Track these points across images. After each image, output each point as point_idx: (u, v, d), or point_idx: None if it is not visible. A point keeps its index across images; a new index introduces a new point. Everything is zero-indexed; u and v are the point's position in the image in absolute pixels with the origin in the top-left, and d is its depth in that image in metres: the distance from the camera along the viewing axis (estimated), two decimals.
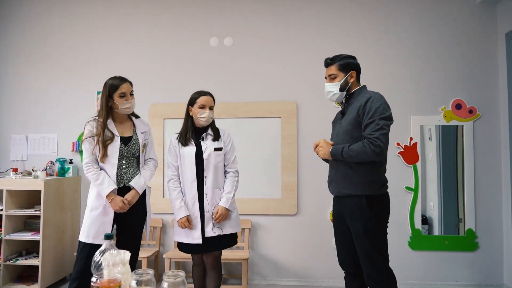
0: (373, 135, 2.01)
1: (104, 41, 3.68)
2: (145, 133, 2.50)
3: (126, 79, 2.37)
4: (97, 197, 2.28)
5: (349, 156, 2.07)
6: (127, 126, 2.43)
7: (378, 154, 2.01)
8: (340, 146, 2.13)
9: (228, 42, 3.57)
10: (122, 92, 2.31)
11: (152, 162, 2.53)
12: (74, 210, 3.52)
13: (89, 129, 2.30)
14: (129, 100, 2.34)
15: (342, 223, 2.21)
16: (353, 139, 2.12)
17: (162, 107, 3.57)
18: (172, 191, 2.53)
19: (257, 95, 3.52)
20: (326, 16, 3.51)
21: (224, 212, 2.46)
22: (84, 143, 2.30)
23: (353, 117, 2.11)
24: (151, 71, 3.60)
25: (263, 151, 3.48)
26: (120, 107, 2.31)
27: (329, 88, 2.23)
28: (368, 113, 2.04)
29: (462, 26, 3.38)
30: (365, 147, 2.01)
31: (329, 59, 2.25)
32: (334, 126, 2.35)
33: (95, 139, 2.28)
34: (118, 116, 2.39)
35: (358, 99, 2.15)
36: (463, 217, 3.35)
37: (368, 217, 2.06)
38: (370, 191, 2.08)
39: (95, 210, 2.27)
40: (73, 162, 3.58)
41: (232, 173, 2.61)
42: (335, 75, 2.20)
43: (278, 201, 3.45)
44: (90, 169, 2.27)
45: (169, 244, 3.53)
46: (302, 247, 3.42)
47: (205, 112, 2.51)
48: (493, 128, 3.30)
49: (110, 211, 2.28)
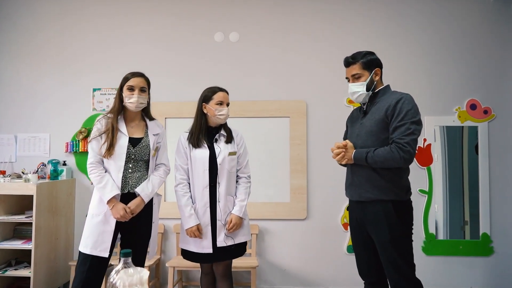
0: (403, 140, 1.87)
1: (100, 35, 3.44)
2: (158, 136, 2.27)
3: (142, 74, 2.20)
4: (99, 202, 2.07)
5: (374, 161, 1.92)
6: (139, 127, 2.22)
7: (407, 161, 1.89)
8: (363, 151, 1.98)
9: (233, 38, 3.38)
10: (130, 85, 2.12)
11: (163, 168, 2.31)
12: (68, 215, 3.28)
13: (97, 127, 2.11)
14: (135, 95, 2.13)
15: (362, 230, 2.07)
16: (379, 141, 1.97)
17: (163, 105, 3.36)
18: (181, 197, 2.33)
19: (264, 94, 3.35)
20: (338, 12, 3.36)
21: (238, 221, 2.30)
22: (91, 142, 2.10)
23: (380, 118, 1.97)
24: (151, 67, 3.36)
25: (271, 152, 3.30)
26: (125, 101, 2.12)
27: (354, 88, 2.07)
28: (398, 115, 1.90)
29: (476, 25, 3.27)
30: (393, 153, 1.88)
31: (350, 57, 2.09)
32: (352, 125, 2.18)
33: (103, 137, 2.07)
34: (129, 115, 2.19)
35: (384, 99, 2.01)
36: (468, 220, 3.26)
37: (394, 224, 1.93)
38: (396, 196, 1.95)
39: (95, 217, 2.06)
40: (67, 164, 3.33)
41: (245, 179, 2.44)
42: (360, 74, 2.05)
43: (286, 205, 3.28)
44: (94, 170, 2.07)
45: (171, 251, 3.32)
46: (312, 253, 3.26)
47: (224, 109, 2.33)
48: (508, 129, 3.21)
49: (111, 220, 2.06)
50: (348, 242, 3.23)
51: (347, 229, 3.24)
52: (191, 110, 3.28)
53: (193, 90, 3.33)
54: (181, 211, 2.32)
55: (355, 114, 2.25)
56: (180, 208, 2.33)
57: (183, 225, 2.31)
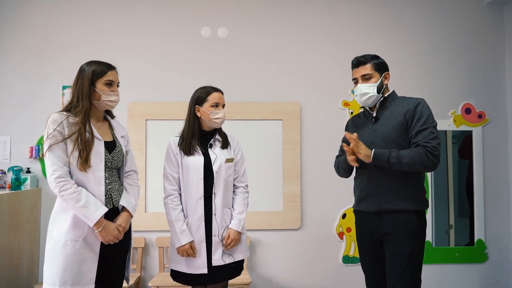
0: (430, 144, 1.79)
1: (71, 27, 3.05)
2: (125, 138, 1.96)
3: (115, 66, 1.86)
4: (74, 226, 1.66)
5: (398, 162, 1.79)
6: (104, 128, 1.87)
7: (435, 165, 1.82)
8: (386, 150, 1.84)
9: (222, 33, 3.12)
10: (109, 80, 1.78)
11: (135, 175, 1.99)
12: (33, 231, 2.87)
13: (58, 130, 1.66)
14: (116, 92, 1.82)
15: (374, 243, 1.93)
16: (399, 148, 1.85)
17: (144, 106, 3.04)
18: (171, 210, 2.05)
19: (255, 95, 3.11)
20: (332, 10, 3.18)
21: (236, 237, 2.06)
22: (52, 150, 1.65)
23: (399, 123, 1.88)
24: (130, 64, 3.02)
25: (263, 158, 3.07)
26: (103, 99, 1.77)
27: (365, 89, 1.93)
28: (420, 118, 1.84)
29: (471, 29, 3.23)
30: (421, 155, 1.78)
31: (361, 57, 1.98)
32: (360, 133, 1.99)
33: (70, 144, 1.67)
34: (97, 115, 1.84)
35: (397, 104, 1.94)
36: (453, 224, 3.23)
37: (417, 236, 1.85)
38: (419, 206, 1.88)
39: (71, 244, 1.65)
40: (31, 171, 2.92)
41: (243, 189, 2.20)
42: (371, 75, 1.94)
43: (279, 214, 3.07)
44: (66, 186, 1.63)
45: (152, 268, 3.00)
46: (306, 265, 3.06)
47: (220, 111, 2.09)
48: (501, 134, 3.18)
49: (95, 244, 1.69)
50: (344, 252, 3.07)
51: (342, 239, 3.08)
52: (175, 111, 3.02)
53: (177, 89, 3.05)
54: (172, 227, 2.04)
55: (358, 122, 2.12)
56: (170, 223, 2.05)
57: (174, 242, 2.03)
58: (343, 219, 3.08)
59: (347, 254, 3.06)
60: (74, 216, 1.66)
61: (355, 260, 3.06)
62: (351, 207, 3.06)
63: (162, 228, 2.90)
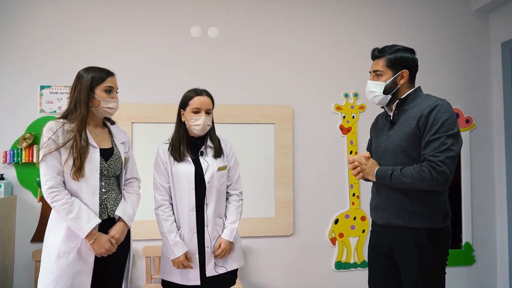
0: (436, 158, 1.57)
1: (50, 24, 2.83)
2: (125, 144, 1.91)
3: (114, 73, 1.82)
4: (67, 237, 1.61)
5: (400, 182, 1.64)
6: (103, 134, 1.83)
7: (441, 184, 1.59)
8: (388, 168, 1.70)
9: (212, 33, 3.00)
10: (108, 86, 1.73)
11: (136, 183, 1.94)
12: (6, 243, 2.64)
13: (52, 139, 1.62)
14: (116, 99, 1.77)
15: (385, 256, 1.80)
16: (409, 159, 1.68)
17: (130, 108, 2.87)
18: (164, 222, 1.96)
19: (246, 97, 3.02)
20: (326, 10, 3.13)
21: (227, 247, 1.99)
22: (46, 159, 1.61)
23: (411, 131, 1.67)
24: (115, 64, 2.82)
25: (254, 162, 2.98)
26: (103, 106, 1.72)
27: (371, 87, 1.79)
28: (432, 126, 1.60)
29: (458, 34, 3.26)
30: (423, 172, 1.58)
31: (377, 50, 1.81)
32: (377, 137, 1.88)
33: (65, 153, 1.62)
34: (94, 121, 1.79)
35: (415, 106, 1.71)
36: None
37: (427, 256, 1.65)
38: (432, 223, 1.66)
39: (65, 256, 1.59)
40: (5, 177, 2.69)
41: (236, 196, 2.12)
42: (381, 72, 1.76)
43: (271, 220, 2.99)
44: (59, 196, 1.59)
45: (139, 279, 2.84)
46: (299, 272, 3.00)
47: (199, 118, 1.96)
48: (488, 139, 3.24)
49: (89, 256, 1.63)
50: (336, 258, 3.03)
51: (335, 244, 3.04)
52: (163, 114, 2.87)
53: (165, 91, 2.92)
54: (165, 239, 1.95)
55: (380, 123, 1.92)
56: (163, 235, 1.96)
57: (168, 255, 1.94)
58: (336, 225, 3.04)
59: (340, 260, 3.03)
60: (67, 228, 1.61)
61: (347, 266, 3.03)
62: (344, 212, 3.07)
63: (149, 237, 2.77)
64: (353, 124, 3.10)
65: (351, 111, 3.11)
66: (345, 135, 3.09)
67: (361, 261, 3.04)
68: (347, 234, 3.04)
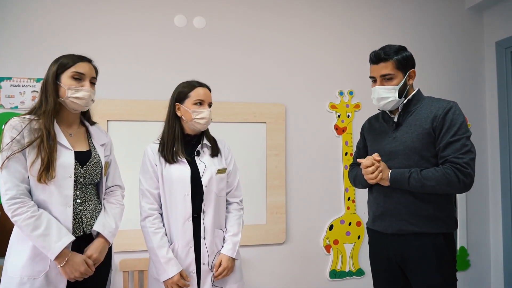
0: (462, 159, 1.52)
1: (25, 12, 2.48)
2: (106, 147, 1.63)
3: (89, 59, 1.54)
4: (33, 259, 1.31)
5: (421, 185, 1.54)
6: (79, 135, 1.54)
7: (467, 186, 1.56)
8: (405, 171, 1.58)
9: (198, 23, 2.74)
10: (76, 72, 1.44)
11: (119, 191, 1.66)
12: None
13: (17, 140, 1.32)
14: (86, 88, 1.46)
15: (394, 269, 1.68)
16: (423, 161, 1.60)
17: (105, 104, 2.56)
18: (152, 235, 1.67)
19: (235, 94, 2.77)
20: (320, 4, 2.94)
21: (230, 264, 1.73)
22: (7, 164, 1.30)
23: (425, 131, 1.60)
24: (90, 55, 2.53)
25: (244, 164, 2.72)
26: (69, 95, 1.42)
27: (384, 93, 1.66)
28: (451, 128, 1.56)
29: (452, 33, 3.17)
30: (449, 175, 1.51)
31: (382, 52, 1.69)
32: (377, 140, 1.77)
33: (32, 153, 1.32)
34: (67, 118, 1.49)
35: (423, 107, 1.66)
36: None
37: (447, 263, 1.60)
38: (447, 228, 1.62)
39: (29, 283, 1.29)
40: None
41: (237, 205, 1.88)
42: (392, 75, 1.65)
43: (262, 227, 2.76)
44: (21, 209, 1.29)
45: None
46: (292, 282, 2.79)
47: (204, 110, 1.73)
48: (482, 140, 3.17)
49: (60, 281, 1.34)
50: (331, 267, 2.84)
51: (329, 252, 2.85)
52: (142, 111, 2.57)
53: (145, 86, 2.63)
54: (154, 256, 1.66)
55: (376, 126, 1.83)
56: (151, 252, 1.67)
57: (158, 275, 1.66)
58: (330, 231, 2.85)
59: (334, 269, 2.84)
60: (33, 247, 1.31)
61: (342, 274, 2.85)
62: (338, 217, 2.89)
63: (126, 248, 2.47)
64: (348, 124, 2.93)
65: (346, 110, 2.93)
66: (340, 136, 2.91)
67: (356, 269, 2.87)
68: (342, 240, 2.87)
